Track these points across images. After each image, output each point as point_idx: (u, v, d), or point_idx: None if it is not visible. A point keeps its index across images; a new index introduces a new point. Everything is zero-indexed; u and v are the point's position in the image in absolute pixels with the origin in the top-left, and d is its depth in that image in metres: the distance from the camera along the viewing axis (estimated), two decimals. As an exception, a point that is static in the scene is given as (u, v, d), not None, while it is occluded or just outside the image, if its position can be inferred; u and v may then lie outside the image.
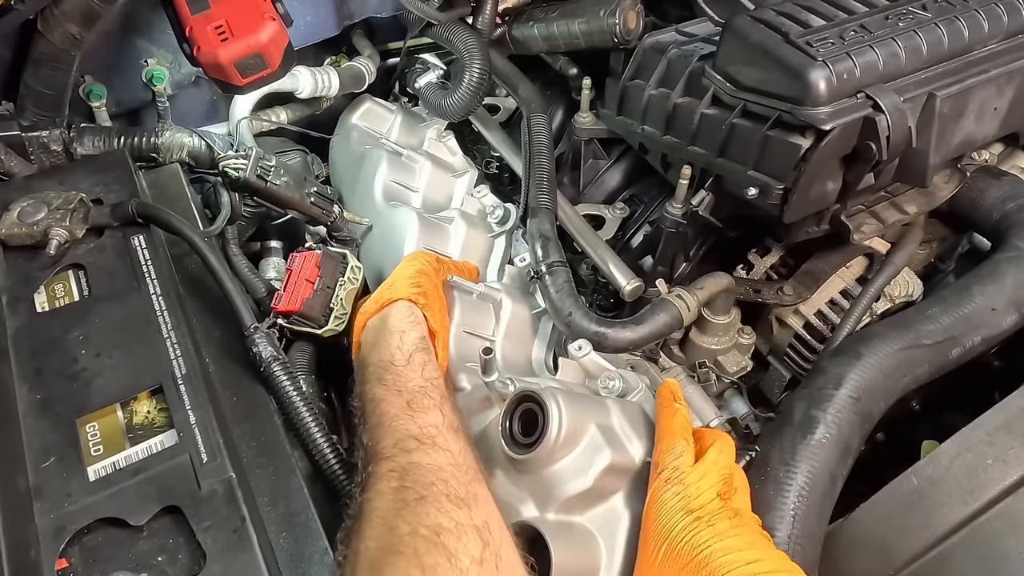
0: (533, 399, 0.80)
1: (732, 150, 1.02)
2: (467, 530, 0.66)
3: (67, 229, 0.92)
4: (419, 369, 0.84)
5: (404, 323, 0.89)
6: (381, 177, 1.27)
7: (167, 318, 0.86)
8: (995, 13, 1.00)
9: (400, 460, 0.73)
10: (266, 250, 1.23)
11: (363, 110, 1.42)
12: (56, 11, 1.05)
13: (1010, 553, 0.76)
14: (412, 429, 0.76)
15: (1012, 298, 1.00)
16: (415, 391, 0.81)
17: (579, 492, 0.78)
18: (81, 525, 0.68)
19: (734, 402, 1.18)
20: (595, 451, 0.79)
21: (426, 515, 0.66)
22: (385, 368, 0.84)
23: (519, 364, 1.08)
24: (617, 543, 0.79)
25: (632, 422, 0.85)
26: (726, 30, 0.99)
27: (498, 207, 1.27)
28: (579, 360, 0.97)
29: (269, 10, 1.12)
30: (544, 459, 0.78)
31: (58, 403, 0.78)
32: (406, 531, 0.65)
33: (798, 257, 1.17)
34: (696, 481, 0.74)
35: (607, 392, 0.93)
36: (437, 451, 0.74)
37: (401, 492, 0.69)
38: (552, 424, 0.77)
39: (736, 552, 0.67)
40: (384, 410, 0.79)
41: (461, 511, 0.68)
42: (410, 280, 0.94)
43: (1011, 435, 0.83)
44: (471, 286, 1.05)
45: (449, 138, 1.42)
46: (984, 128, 1.03)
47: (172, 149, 1.21)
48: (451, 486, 0.70)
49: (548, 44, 1.38)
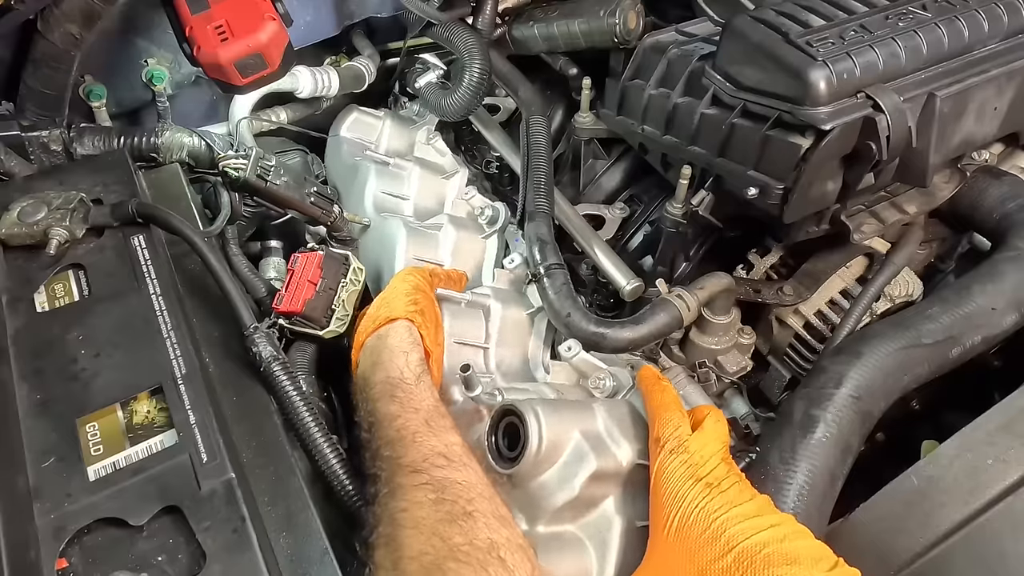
0: (513, 412, 0.80)
1: (732, 150, 1.02)
2: (516, 549, 0.67)
3: (67, 229, 0.92)
4: (429, 389, 0.84)
5: (406, 343, 0.88)
6: (371, 189, 1.29)
7: (167, 318, 0.86)
8: (995, 13, 1.00)
9: (434, 474, 0.72)
10: (266, 250, 1.23)
11: (350, 120, 1.43)
12: (56, 11, 1.05)
13: (1010, 553, 0.76)
14: (438, 446, 0.76)
15: (1012, 298, 1.00)
16: (431, 410, 0.81)
17: (566, 502, 0.78)
18: (81, 525, 0.68)
19: (734, 402, 1.18)
20: (579, 460, 0.79)
21: (478, 529, 0.67)
22: (395, 386, 0.84)
23: (515, 366, 1.08)
24: (609, 550, 0.79)
25: (620, 423, 0.85)
26: (726, 30, 0.99)
27: (487, 207, 1.27)
28: (570, 361, 0.97)
29: (269, 10, 1.12)
30: (529, 472, 0.78)
31: (58, 403, 0.78)
32: (461, 542, 0.65)
33: (798, 257, 1.17)
34: (699, 449, 0.75)
35: (599, 391, 0.93)
36: (467, 470, 0.74)
37: (444, 504, 0.69)
38: (532, 437, 0.77)
39: (751, 519, 0.68)
40: (402, 425, 0.79)
41: (507, 530, 0.68)
42: (407, 298, 0.94)
43: (1011, 435, 0.83)
44: (458, 296, 1.04)
45: (437, 139, 1.43)
46: (984, 128, 1.03)
47: (172, 149, 1.20)
48: (492, 504, 0.70)
49: (548, 44, 1.38)
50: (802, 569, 0.64)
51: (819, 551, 0.68)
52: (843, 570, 0.66)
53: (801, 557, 0.65)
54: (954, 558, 0.78)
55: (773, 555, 0.65)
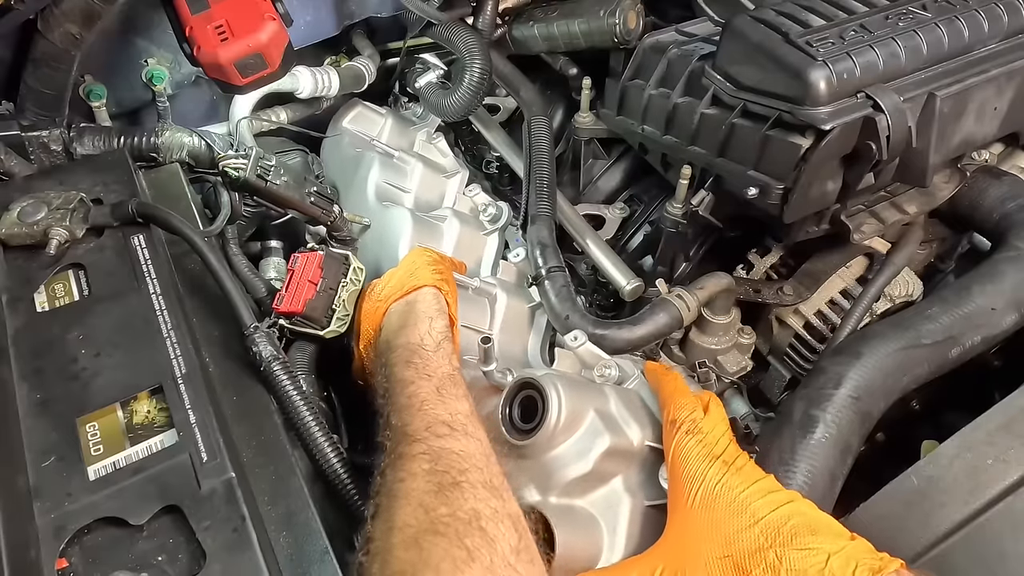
0: (533, 386, 0.82)
1: (732, 150, 1.02)
2: (503, 518, 0.68)
3: (67, 229, 0.91)
4: (447, 357, 0.85)
5: (432, 310, 0.90)
6: (373, 178, 1.29)
7: (167, 318, 0.86)
8: (995, 13, 1.00)
9: (432, 444, 0.73)
10: (266, 250, 1.23)
11: (354, 114, 1.43)
12: (56, 11, 1.04)
13: (1010, 553, 0.76)
14: (443, 415, 0.77)
15: (1012, 298, 1.00)
16: (444, 378, 0.82)
17: (580, 475, 0.81)
18: (81, 525, 0.68)
19: (734, 402, 1.18)
20: (595, 435, 0.81)
21: (464, 500, 0.67)
22: (414, 351, 0.85)
23: (515, 356, 1.09)
24: (619, 525, 0.81)
25: (629, 408, 0.87)
26: (726, 30, 0.99)
27: (490, 205, 1.28)
28: (575, 350, 0.99)
29: (269, 10, 1.12)
30: (545, 444, 0.81)
31: (58, 403, 0.77)
32: (444, 512, 0.66)
33: (798, 257, 1.17)
34: (711, 430, 0.80)
35: (603, 380, 0.95)
36: (468, 439, 0.75)
37: (435, 475, 0.70)
38: (552, 409, 0.79)
39: (771, 493, 0.73)
40: (413, 392, 0.80)
41: (496, 500, 0.69)
42: (431, 267, 0.96)
43: (1011, 435, 0.83)
44: (468, 280, 1.06)
45: (439, 140, 1.43)
46: (984, 128, 1.03)
47: (172, 149, 1.20)
48: (485, 474, 0.71)
49: (548, 44, 1.38)
50: (826, 539, 0.68)
51: (836, 526, 0.71)
52: (860, 542, 0.69)
53: (822, 528, 0.70)
54: (954, 558, 0.78)
55: (798, 527, 0.69)
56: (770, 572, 0.67)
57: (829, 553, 0.66)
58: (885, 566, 0.66)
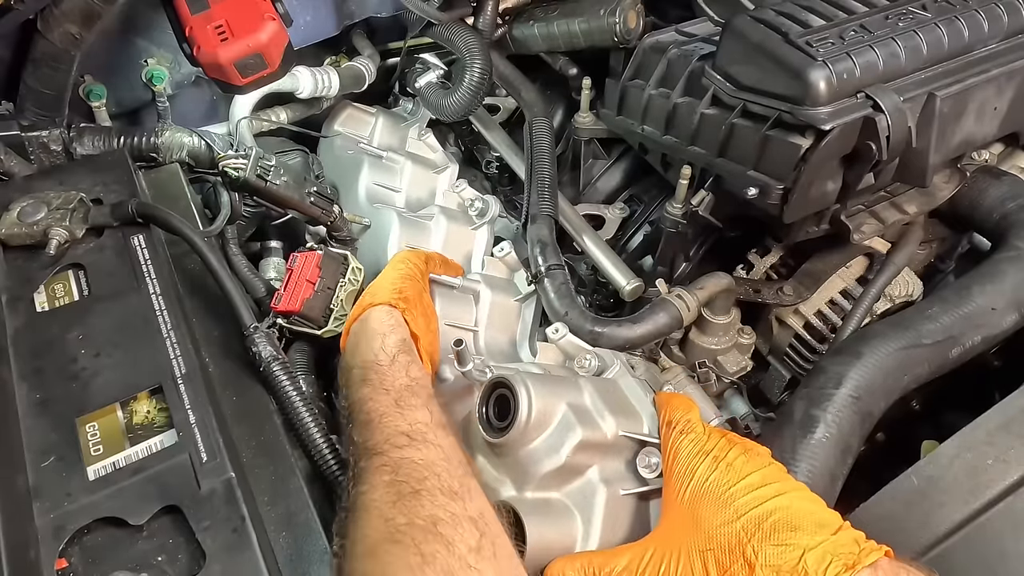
0: (504, 384, 0.83)
1: (732, 150, 1.02)
2: (462, 521, 0.68)
3: (67, 229, 0.92)
4: (403, 369, 0.85)
5: (384, 326, 0.90)
6: (364, 180, 1.31)
7: (167, 318, 0.86)
8: (995, 13, 1.00)
9: (392, 455, 0.74)
10: (266, 250, 1.23)
11: (344, 116, 1.44)
12: (56, 11, 1.04)
13: (1010, 553, 0.77)
14: (402, 426, 0.77)
15: (1012, 298, 1.00)
16: (402, 389, 0.82)
17: (554, 469, 0.82)
18: (81, 525, 0.68)
19: (734, 402, 1.18)
20: (567, 429, 0.83)
21: (421, 507, 0.68)
22: (369, 368, 0.85)
23: (503, 350, 1.10)
24: (594, 515, 0.82)
25: (605, 399, 0.88)
26: (726, 30, 0.99)
27: (477, 199, 1.29)
28: (556, 343, 1.01)
29: (269, 10, 1.12)
30: (518, 441, 0.82)
31: (58, 403, 0.78)
32: (403, 521, 0.67)
33: (798, 257, 1.17)
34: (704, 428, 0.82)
35: (584, 371, 0.97)
36: (428, 447, 0.75)
37: (395, 485, 0.70)
38: (522, 407, 0.81)
39: (758, 489, 0.73)
40: (372, 408, 0.80)
41: (456, 504, 0.70)
42: (392, 286, 0.95)
43: (1011, 435, 0.83)
44: (451, 281, 1.07)
45: (428, 135, 1.44)
46: (984, 128, 1.03)
47: (172, 149, 1.20)
48: (444, 480, 0.72)
49: (548, 44, 1.38)
50: (805, 535, 0.68)
51: (823, 517, 0.71)
52: (846, 533, 0.69)
53: (804, 524, 0.70)
54: (954, 558, 0.78)
55: (778, 522, 0.70)
56: (747, 568, 0.69)
57: (804, 548, 0.67)
58: (861, 560, 0.66)
